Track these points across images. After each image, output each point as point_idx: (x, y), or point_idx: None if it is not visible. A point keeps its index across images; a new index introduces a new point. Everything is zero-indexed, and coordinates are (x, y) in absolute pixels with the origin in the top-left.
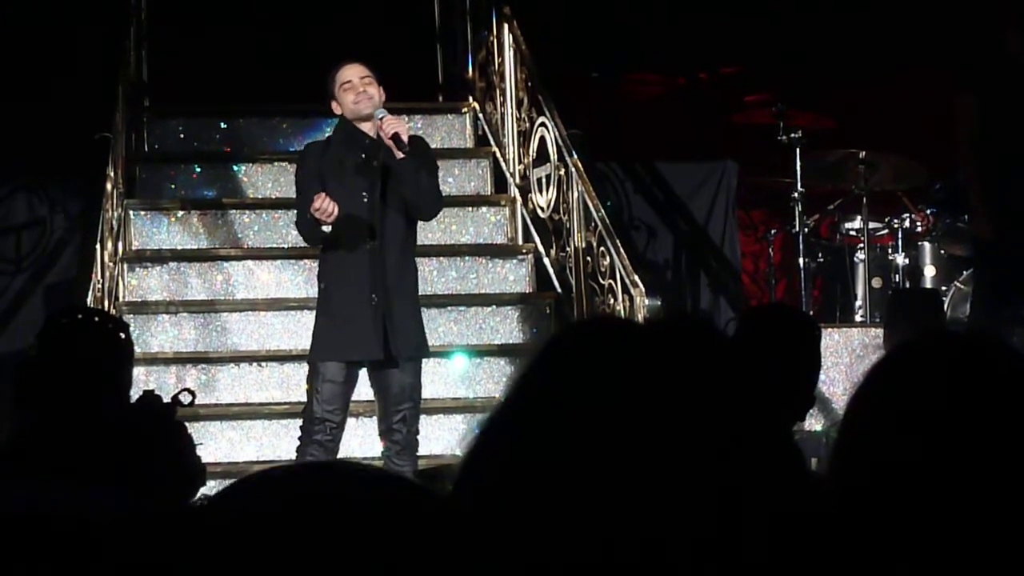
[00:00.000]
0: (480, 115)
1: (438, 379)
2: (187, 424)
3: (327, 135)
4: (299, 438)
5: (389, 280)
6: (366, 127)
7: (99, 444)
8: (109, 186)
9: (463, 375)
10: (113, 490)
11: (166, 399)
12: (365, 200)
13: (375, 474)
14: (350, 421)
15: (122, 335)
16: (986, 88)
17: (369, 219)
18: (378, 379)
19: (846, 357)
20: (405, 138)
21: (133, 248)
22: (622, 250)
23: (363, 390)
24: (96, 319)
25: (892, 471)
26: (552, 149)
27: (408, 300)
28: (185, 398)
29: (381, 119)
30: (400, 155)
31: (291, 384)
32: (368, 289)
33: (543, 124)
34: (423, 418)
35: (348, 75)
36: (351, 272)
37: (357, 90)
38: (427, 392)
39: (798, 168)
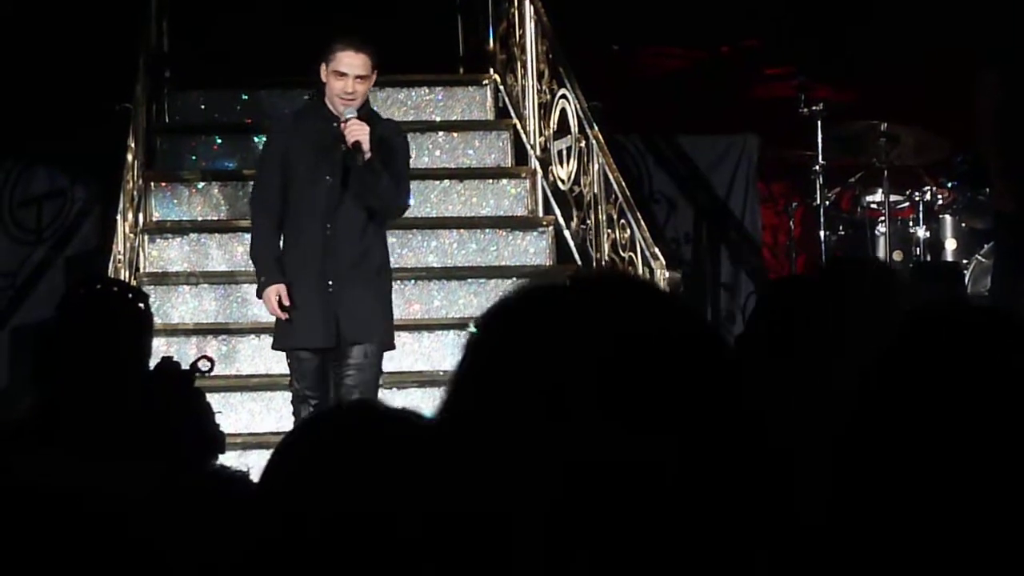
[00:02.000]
0: (501, 87)
1: (459, 351)
2: (208, 395)
3: (298, 108)
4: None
5: (344, 266)
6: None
7: (120, 415)
8: (130, 157)
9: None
10: (140, 464)
11: (185, 367)
12: (328, 182)
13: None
14: None
15: (142, 305)
16: (1009, 62)
17: (327, 204)
18: (334, 366)
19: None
20: (366, 147)
21: (153, 219)
22: (643, 222)
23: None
24: (116, 289)
25: (900, 443)
26: (573, 121)
27: (366, 286)
28: (204, 365)
29: (345, 121)
30: (360, 161)
31: None
32: (321, 275)
33: (564, 96)
34: (439, 391)
35: (345, 65)
36: (306, 257)
37: (347, 89)
38: (448, 364)
39: (819, 141)
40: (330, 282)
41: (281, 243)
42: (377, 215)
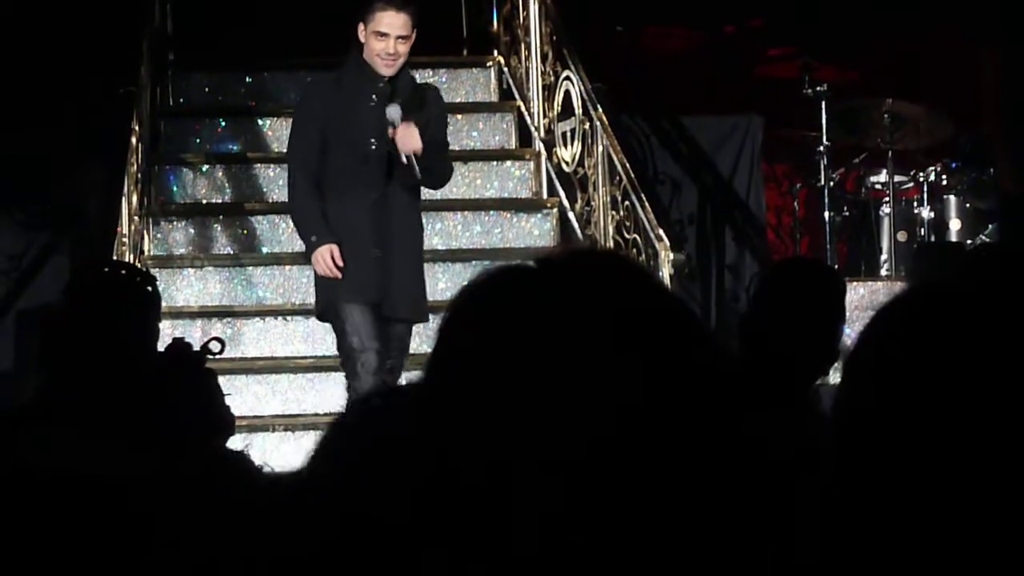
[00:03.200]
0: (505, 69)
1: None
2: None
3: (338, 72)
4: (345, 377)
5: (393, 234)
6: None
7: (128, 398)
8: (134, 140)
9: None
10: (146, 445)
11: (196, 349)
12: (373, 147)
13: None
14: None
15: (149, 288)
16: (1013, 41)
17: (375, 169)
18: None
19: (871, 311)
20: (418, 152)
21: (158, 202)
22: (647, 204)
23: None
24: (123, 272)
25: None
26: (577, 103)
27: (411, 258)
28: (215, 346)
29: (394, 128)
30: (413, 169)
31: (316, 338)
32: (369, 243)
33: (568, 78)
34: None
35: (386, 25)
36: (353, 224)
37: (388, 50)
38: None
39: (823, 122)
40: (376, 249)
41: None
42: (422, 184)
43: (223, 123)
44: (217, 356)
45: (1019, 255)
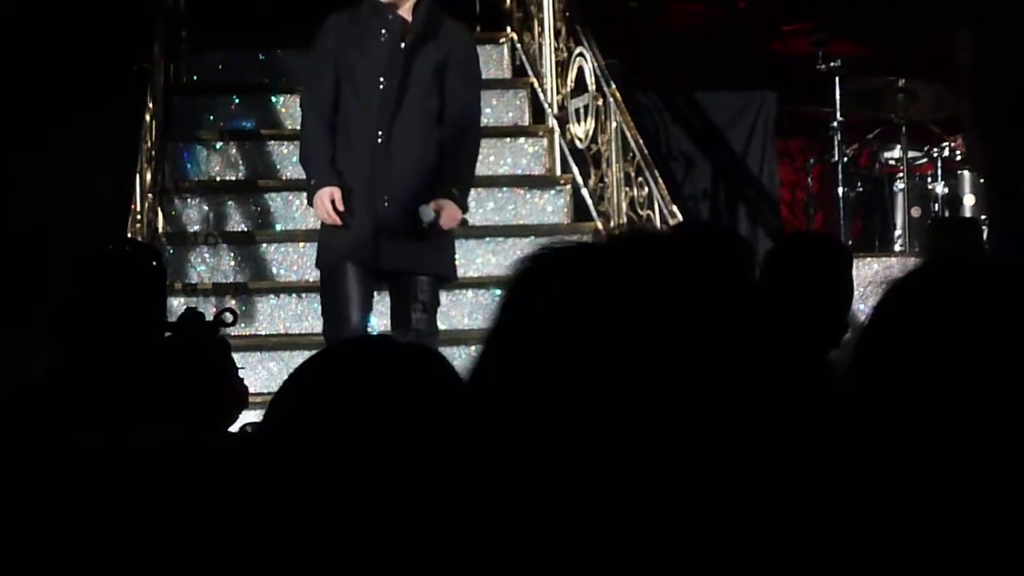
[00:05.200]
0: (518, 45)
1: (477, 310)
2: None
3: (353, 8)
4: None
5: (400, 181)
6: (395, 2)
7: (140, 374)
8: (148, 117)
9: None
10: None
11: (208, 319)
12: (382, 87)
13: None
14: None
15: (154, 263)
16: (984, 23)
17: (382, 110)
18: (391, 292)
19: (884, 287)
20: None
21: (172, 179)
22: (660, 180)
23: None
24: (127, 249)
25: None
26: (590, 79)
27: (418, 205)
28: (227, 317)
29: (430, 223)
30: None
31: None
32: (374, 188)
33: (581, 54)
34: (463, 350)
35: None
36: (356, 168)
37: None
38: (466, 323)
39: (837, 97)
40: (385, 198)
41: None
42: (441, 127)
43: (236, 100)
44: (229, 326)
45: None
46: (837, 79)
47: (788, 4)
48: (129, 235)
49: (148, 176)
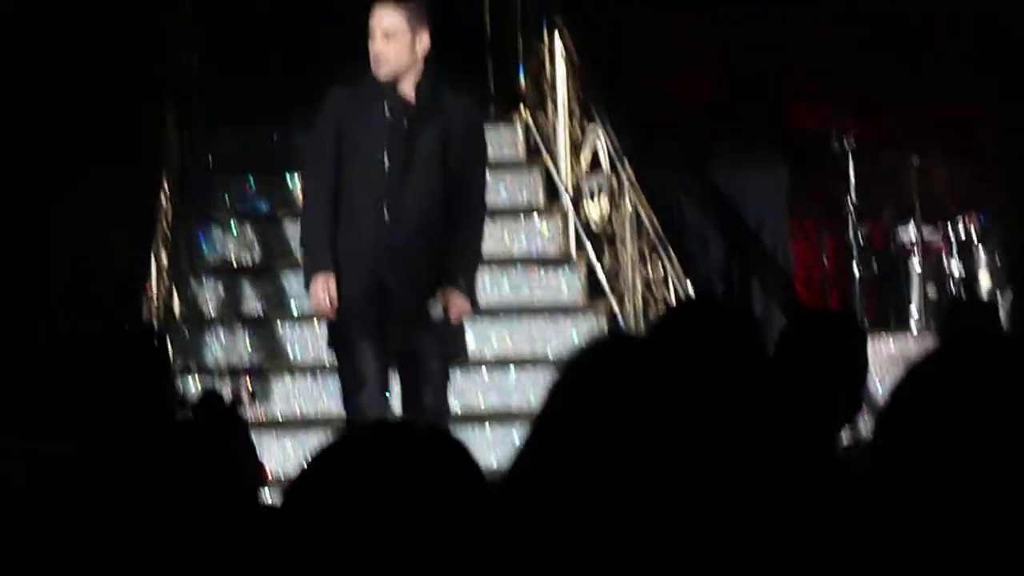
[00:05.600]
0: (532, 125)
1: (493, 389)
2: None
3: (356, 82)
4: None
5: (405, 259)
6: (396, 78)
7: (151, 454)
8: (163, 198)
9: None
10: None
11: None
12: (386, 165)
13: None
14: None
15: (156, 342)
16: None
17: (384, 191)
18: (400, 370)
19: (901, 366)
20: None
21: (187, 260)
22: (675, 259)
23: None
24: (127, 329)
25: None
26: (604, 158)
27: (423, 283)
28: (245, 396)
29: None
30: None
31: None
32: (377, 266)
33: (595, 133)
34: (478, 429)
35: (372, 21)
36: (361, 247)
37: (375, 48)
38: (481, 402)
39: (852, 176)
40: (388, 277)
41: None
42: (445, 205)
43: (252, 181)
44: (248, 406)
45: None
46: (851, 157)
47: (802, 83)
48: (145, 317)
49: (164, 257)
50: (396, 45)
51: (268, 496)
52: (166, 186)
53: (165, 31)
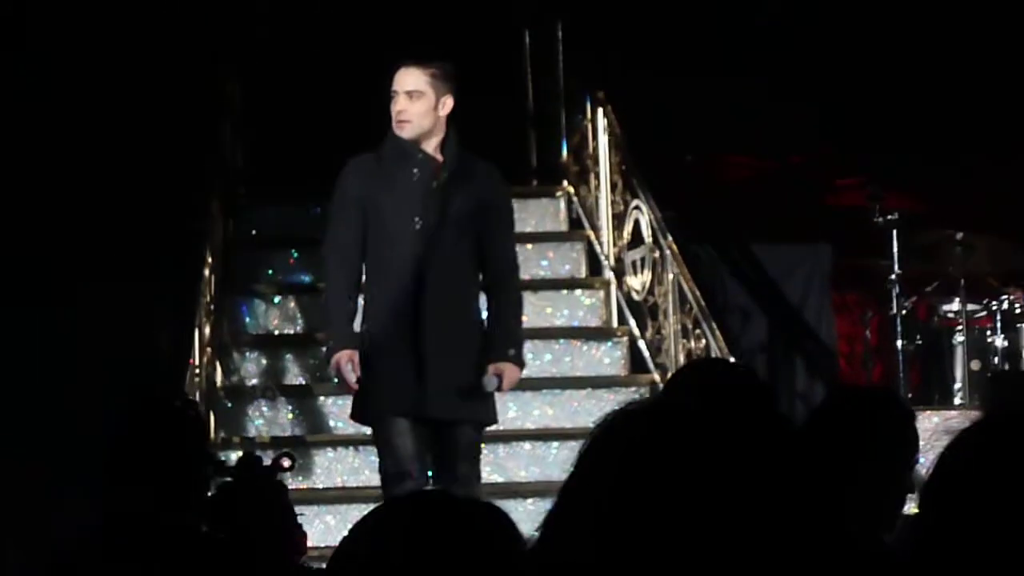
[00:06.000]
0: (574, 198)
1: (534, 462)
2: None
3: (377, 150)
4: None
5: (439, 325)
6: (420, 142)
7: (186, 522)
8: (207, 271)
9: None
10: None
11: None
12: (418, 227)
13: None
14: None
15: (191, 413)
16: None
17: (420, 251)
18: (435, 440)
19: (945, 440)
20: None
21: (230, 333)
22: (717, 332)
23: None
24: (161, 406)
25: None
26: (647, 232)
27: (460, 350)
28: (285, 462)
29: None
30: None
31: None
32: (413, 334)
33: (637, 207)
34: (519, 502)
35: (395, 83)
36: (396, 313)
37: (397, 107)
38: (523, 475)
39: (894, 250)
40: (422, 343)
41: (361, 299)
42: (476, 271)
43: (294, 254)
44: (287, 471)
45: None
46: (894, 232)
47: (843, 158)
48: (188, 388)
49: (207, 330)
50: (419, 105)
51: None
52: (209, 260)
53: (213, 121)
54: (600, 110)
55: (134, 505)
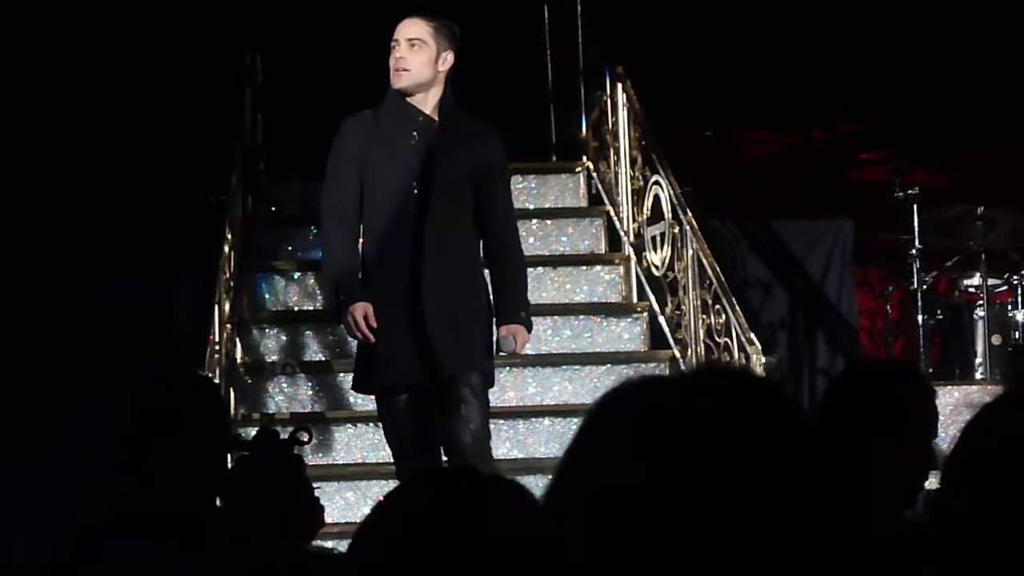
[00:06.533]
0: (594, 174)
1: (554, 438)
2: None
3: (375, 107)
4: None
5: (437, 284)
6: (418, 99)
7: (205, 499)
8: (226, 248)
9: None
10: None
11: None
12: (416, 191)
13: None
14: None
15: (209, 387)
16: None
17: (418, 214)
18: (439, 401)
19: (966, 415)
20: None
21: (249, 309)
22: (737, 308)
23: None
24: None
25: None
26: (666, 207)
27: (464, 306)
28: (302, 435)
29: (506, 352)
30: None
31: None
32: (411, 297)
33: (657, 182)
34: (539, 479)
35: (396, 31)
36: (394, 278)
37: (395, 55)
38: (543, 451)
39: (915, 225)
40: (421, 306)
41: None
42: (473, 227)
43: (314, 231)
44: (305, 444)
45: None
46: (915, 207)
47: (864, 133)
48: (207, 364)
49: (226, 306)
50: (420, 55)
51: (328, 544)
52: (229, 236)
53: (234, 95)
54: (619, 85)
55: (154, 487)
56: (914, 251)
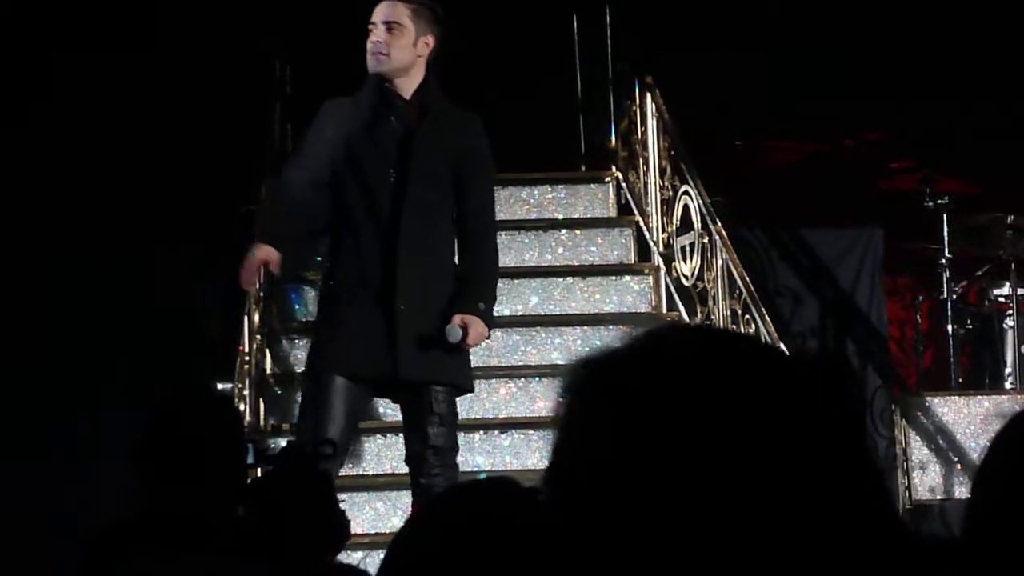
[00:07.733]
0: (623, 184)
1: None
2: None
3: (356, 93)
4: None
5: (416, 282)
6: (397, 84)
7: (224, 510)
8: None
9: None
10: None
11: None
12: (392, 179)
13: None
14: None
15: (227, 407)
16: None
17: (394, 202)
18: (404, 403)
19: (996, 425)
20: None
21: (279, 320)
22: (767, 317)
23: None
24: (198, 397)
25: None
26: (696, 217)
27: (438, 312)
28: (326, 450)
29: (459, 341)
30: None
31: None
32: (385, 290)
33: (686, 192)
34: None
35: (373, 14)
36: (365, 266)
37: (372, 38)
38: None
39: (945, 234)
40: (395, 300)
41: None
42: (452, 218)
43: None
44: (329, 458)
45: None
46: (945, 216)
47: (894, 142)
48: (237, 375)
49: (256, 317)
50: (398, 39)
51: (358, 555)
52: None
53: (263, 104)
54: (648, 95)
55: (173, 496)
56: (944, 260)
